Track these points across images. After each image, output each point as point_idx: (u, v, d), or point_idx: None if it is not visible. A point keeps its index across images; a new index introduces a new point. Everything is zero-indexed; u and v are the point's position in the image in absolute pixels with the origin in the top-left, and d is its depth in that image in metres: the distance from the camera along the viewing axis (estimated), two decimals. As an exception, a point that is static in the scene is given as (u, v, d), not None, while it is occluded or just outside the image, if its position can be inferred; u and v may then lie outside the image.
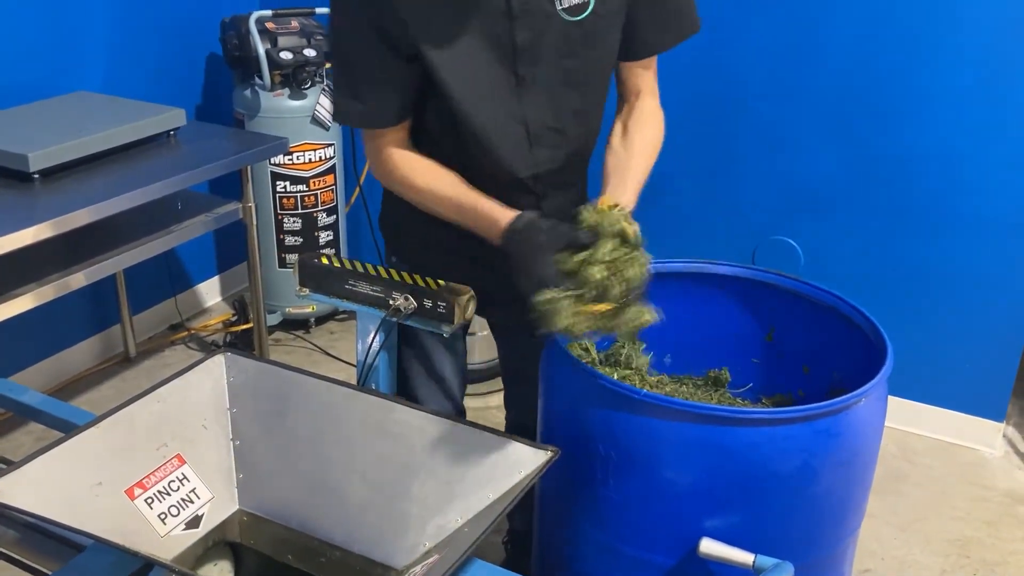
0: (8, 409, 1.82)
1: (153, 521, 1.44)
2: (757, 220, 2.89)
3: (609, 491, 1.53)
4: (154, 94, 3.00)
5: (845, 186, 2.74)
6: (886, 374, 1.54)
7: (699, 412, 1.46)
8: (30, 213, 2.16)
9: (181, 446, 1.53)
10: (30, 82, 2.74)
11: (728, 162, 2.88)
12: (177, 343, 3.33)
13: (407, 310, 1.64)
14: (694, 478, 1.47)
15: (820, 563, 1.60)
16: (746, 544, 1.43)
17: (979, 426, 2.80)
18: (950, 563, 2.36)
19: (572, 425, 1.58)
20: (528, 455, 1.38)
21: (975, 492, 2.63)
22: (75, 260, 2.34)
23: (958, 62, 2.51)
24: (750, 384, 1.97)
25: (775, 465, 1.45)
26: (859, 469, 1.58)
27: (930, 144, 2.61)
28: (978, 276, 2.66)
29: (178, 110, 2.65)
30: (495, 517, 1.30)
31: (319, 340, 3.36)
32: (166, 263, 3.29)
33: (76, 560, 1.36)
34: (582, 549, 1.65)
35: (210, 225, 2.67)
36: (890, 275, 2.76)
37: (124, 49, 3.02)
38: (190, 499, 1.51)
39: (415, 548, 1.40)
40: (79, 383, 3.07)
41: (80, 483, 1.38)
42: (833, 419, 1.47)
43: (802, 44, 2.67)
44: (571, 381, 1.59)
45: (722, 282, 1.92)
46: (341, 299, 1.73)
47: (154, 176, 2.41)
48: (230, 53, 3.07)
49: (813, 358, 1.88)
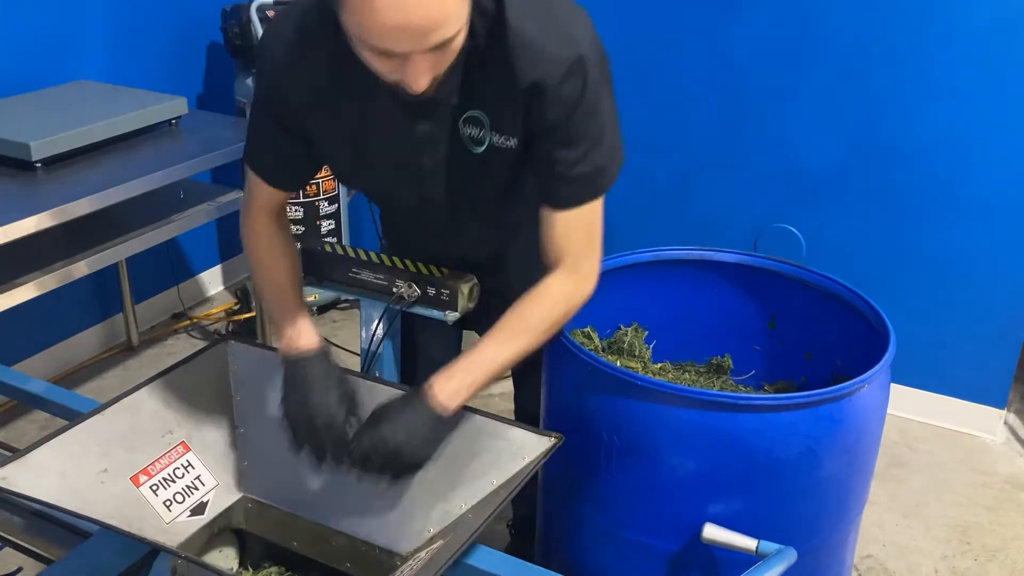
0: (12, 397, 1.83)
1: (158, 508, 1.45)
2: (759, 208, 2.89)
3: (612, 477, 1.54)
4: (155, 83, 3.00)
5: (847, 173, 2.74)
6: (889, 360, 1.55)
7: (702, 399, 1.46)
8: (32, 202, 2.16)
9: (186, 433, 1.53)
10: (32, 71, 2.74)
11: (730, 150, 2.88)
12: (180, 332, 3.34)
13: (410, 298, 1.64)
14: (697, 464, 1.48)
15: (823, 548, 1.61)
16: (749, 530, 1.44)
17: (980, 413, 2.81)
18: (951, 549, 2.37)
19: (575, 412, 1.59)
20: (532, 441, 1.39)
21: (976, 478, 2.64)
22: (77, 249, 2.34)
23: (959, 48, 2.50)
24: (752, 371, 1.97)
25: (778, 451, 1.46)
26: (861, 455, 1.59)
27: (931, 131, 2.60)
28: (979, 263, 2.66)
29: (180, 99, 2.65)
30: (499, 503, 1.31)
31: (321, 329, 3.35)
32: (168, 252, 3.29)
33: (82, 546, 1.36)
34: (585, 535, 1.66)
35: (212, 214, 2.67)
36: (891, 262, 2.76)
37: (125, 38, 3.01)
38: (195, 486, 1.51)
39: (420, 534, 1.41)
40: (82, 372, 3.07)
41: (86, 470, 1.38)
42: (836, 405, 1.48)
43: (803, 32, 2.67)
44: (574, 368, 1.59)
45: (724, 269, 1.92)
46: (344, 287, 1.73)
47: (156, 165, 2.41)
48: (231, 42, 3.07)
49: (815, 345, 1.88)
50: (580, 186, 1.36)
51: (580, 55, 1.27)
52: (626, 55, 2.91)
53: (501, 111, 1.32)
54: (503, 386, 2.04)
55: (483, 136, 1.35)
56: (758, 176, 2.86)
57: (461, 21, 1.14)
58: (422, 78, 1.17)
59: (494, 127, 1.34)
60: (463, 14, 1.14)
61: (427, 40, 1.12)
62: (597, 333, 1.91)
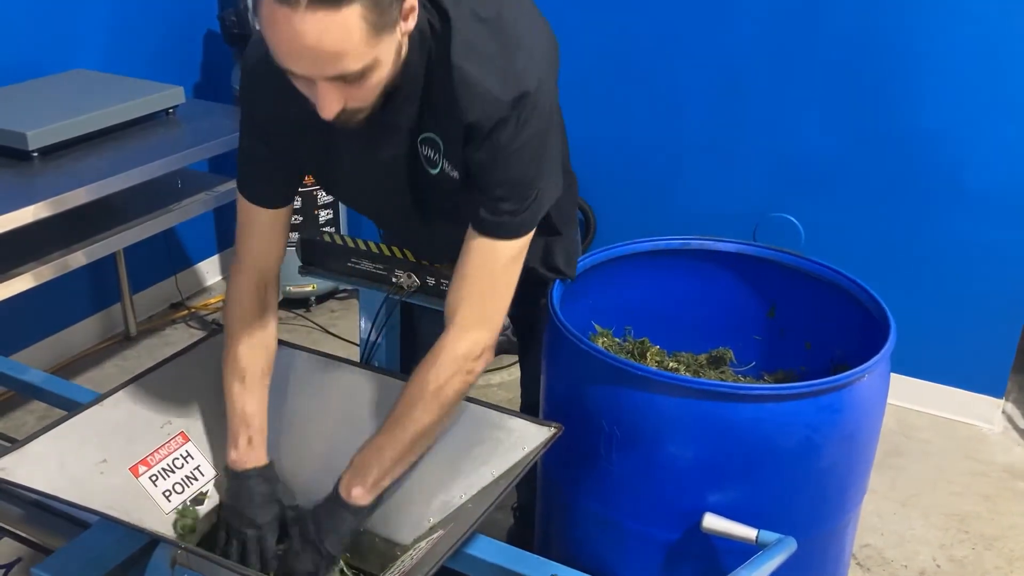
0: (10, 388, 1.83)
1: (158, 498, 1.45)
2: (757, 197, 2.88)
3: (612, 467, 1.54)
4: (152, 72, 2.98)
5: (846, 162, 2.74)
6: (889, 349, 1.55)
7: (702, 388, 1.46)
8: (29, 192, 2.15)
9: (185, 424, 1.53)
10: (28, 60, 2.73)
11: (728, 139, 2.87)
12: (178, 322, 3.33)
13: (410, 287, 1.64)
14: (697, 454, 1.48)
15: (822, 538, 1.62)
16: (749, 519, 1.44)
17: (978, 402, 2.81)
18: (949, 537, 2.38)
19: (575, 402, 1.59)
20: (532, 432, 1.39)
21: (974, 467, 2.64)
22: (75, 239, 2.33)
23: (959, 37, 2.49)
24: (753, 363, 1.97)
25: (778, 441, 1.46)
26: (861, 445, 1.59)
27: (931, 120, 2.60)
28: (978, 253, 2.65)
29: (177, 88, 2.64)
30: (499, 493, 1.31)
31: (320, 319, 3.36)
32: (166, 242, 3.28)
33: (81, 537, 1.36)
34: (585, 524, 1.66)
35: (210, 204, 2.66)
36: (890, 251, 2.76)
37: (122, 26, 3.00)
38: (194, 476, 1.51)
39: (420, 524, 1.41)
40: (80, 362, 3.07)
41: (85, 461, 1.38)
42: (836, 395, 1.47)
43: (803, 20, 2.66)
44: (574, 358, 1.59)
45: (723, 259, 1.92)
46: (344, 277, 1.73)
47: (153, 154, 2.40)
48: (228, 30, 3.05)
49: (814, 334, 1.88)
50: (500, 218, 1.33)
51: (523, 92, 1.25)
52: (624, 43, 2.91)
53: (449, 141, 1.32)
54: (502, 375, 2.05)
55: (437, 159, 1.35)
56: (757, 165, 2.86)
57: (366, 59, 1.12)
58: (329, 106, 1.17)
59: (446, 154, 1.34)
60: (372, 54, 1.13)
61: (324, 69, 1.12)
62: (600, 324, 1.92)
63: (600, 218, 3.06)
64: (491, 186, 1.31)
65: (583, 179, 1.78)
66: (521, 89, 1.25)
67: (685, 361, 1.92)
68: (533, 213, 1.35)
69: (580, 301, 1.80)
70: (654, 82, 2.90)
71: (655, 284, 1.95)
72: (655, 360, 1.88)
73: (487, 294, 1.37)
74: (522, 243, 1.37)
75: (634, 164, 2.98)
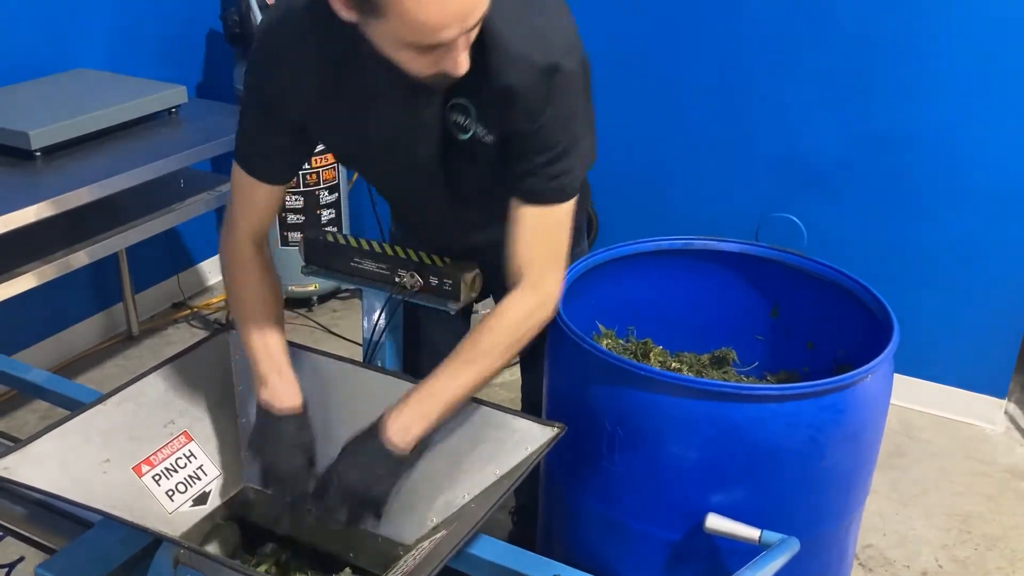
0: (12, 387, 1.83)
1: (161, 498, 1.45)
2: (760, 197, 2.88)
3: (615, 467, 1.54)
4: (154, 71, 2.98)
5: (848, 163, 2.73)
6: (893, 350, 1.54)
7: (705, 388, 1.46)
8: (32, 191, 2.16)
9: (188, 423, 1.53)
10: (30, 60, 2.73)
11: (731, 139, 2.87)
12: (180, 321, 3.34)
13: (413, 288, 1.64)
14: (700, 454, 1.48)
15: (825, 538, 1.61)
16: (752, 519, 1.44)
17: (980, 402, 2.81)
18: (951, 538, 2.38)
19: (578, 401, 1.58)
20: (534, 431, 1.39)
21: (976, 468, 2.64)
22: (77, 239, 2.34)
23: (963, 39, 2.49)
24: (756, 363, 1.97)
25: (781, 441, 1.46)
26: (864, 445, 1.59)
27: (934, 121, 2.59)
28: (981, 253, 2.65)
29: (179, 87, 2.64)
30: (502, 493, 1.31)
31: (322, 319, 3.36)
32: (168, 241, 3.28)
33: (84, 536, 1.36)
34: (588, 524, 1.66)
35: (212, 203, 2.67)
36: (892, 252, 2.76)
37: (124, 26, 3.00)
38: (197, 476, 1.51)
39: (423, 524, 1.41)
40: (82, 361, 3.07)
41: (88, 460, 1.38)
42: (840, 395, 1.47)
43: (806, 20, 2.66)
44: (577, 358, 1.59)
45: (725, 259, 1.92)
46: (346, 276, 1.72)
47: (156, 154, 2.40)
48: (230, 30, 3.05)
49: (817, 334, 1.88)
50: (547, 184, 1.35)
51: (553, 63, 1.26)
52: (626, 42, 2.90)
53: (483, 105, 1.33)
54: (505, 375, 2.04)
55: (468, 124, 1.36)
56: (760, 165, 2.86)
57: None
58: (463, 57, 1.19)
59: (479, 118, 1.34)
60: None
61: (471, 20, 1.14)
62: (603, 325, 1.91)
63: (603, 218, 3.06)
64: (535, 147, 1.32)
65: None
66: (551, 59, 1.26)
67: (688, 361, 1.91)
68: (576, 175, 1.37)
69: (583, 301, 1.80)
70: (657, 81, 2.90)
71: (658, 284, 1.95)
72: (658, 360, 1.88)
73: (548, 255, 1.39)
74: (570, 205, 1.38)
75: (637, 164, 2.98)
